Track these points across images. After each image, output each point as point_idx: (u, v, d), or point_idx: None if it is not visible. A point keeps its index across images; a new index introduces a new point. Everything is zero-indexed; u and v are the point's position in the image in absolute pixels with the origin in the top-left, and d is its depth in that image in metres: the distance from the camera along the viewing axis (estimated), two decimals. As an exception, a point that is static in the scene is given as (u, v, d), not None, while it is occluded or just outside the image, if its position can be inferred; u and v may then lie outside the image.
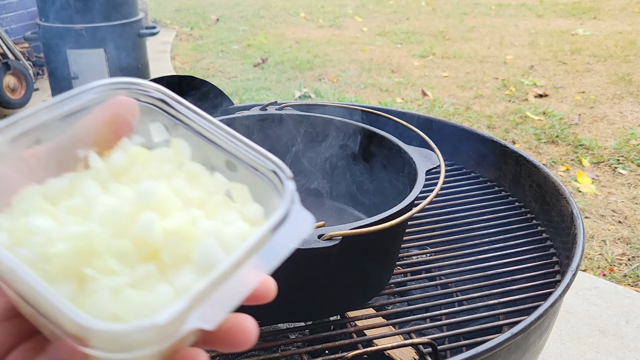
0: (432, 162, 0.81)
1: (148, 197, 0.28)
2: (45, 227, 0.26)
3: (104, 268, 0.25)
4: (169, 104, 0.33)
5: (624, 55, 3.96)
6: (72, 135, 0.31)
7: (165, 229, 0.27)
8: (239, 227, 0.29)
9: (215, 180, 0.32)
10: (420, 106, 3.18)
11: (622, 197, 2.20)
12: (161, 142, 0.33)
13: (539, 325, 0.72)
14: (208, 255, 0.27)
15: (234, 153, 0.33)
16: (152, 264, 0.27)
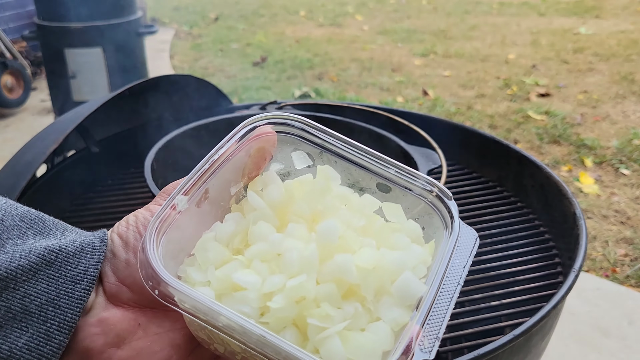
0: (433, 162, 0.80)
1: (331, 237, 0.31)
2: (252, 282, 0.30)
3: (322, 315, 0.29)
4: (312, 132, 0.35)
5: (626, 55, 3.94)
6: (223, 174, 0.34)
7: (360, 267, 0.30)
8: (418, 252, 0.32)
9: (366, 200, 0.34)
10: (421, 105, 3.17)
11: (624, 197, 2.19)
12: (303, 169, 0.36)
13: (542, 327, 0.72)
14: (406, 287, 0.30)
15: (386, 175, 0.35)
16: (356, 302, 0.30)
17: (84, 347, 0.31)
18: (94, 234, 0.34)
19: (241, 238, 0.33)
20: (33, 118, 3.14)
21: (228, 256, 0.32)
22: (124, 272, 0.32)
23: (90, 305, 0.32)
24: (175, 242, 0.32)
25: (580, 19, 5.05)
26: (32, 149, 0.97)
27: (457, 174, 1.17)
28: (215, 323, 0.28)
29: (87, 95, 2.32)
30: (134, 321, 0.32)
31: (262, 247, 0.31)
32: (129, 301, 0.33)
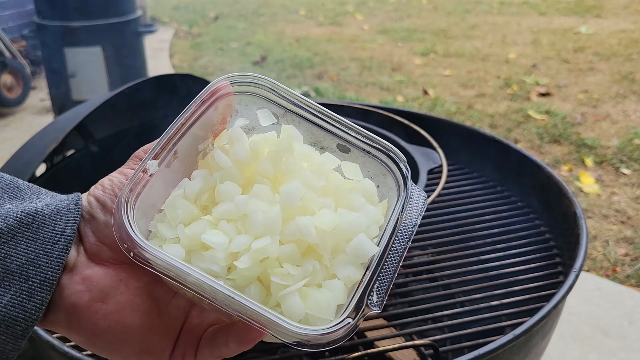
0: (434, 162, 0.80)
1: (294, 199, 0.33)
2: (220, 242, 0.32)
3: (284, 274, 0.32)
4: (279, 93, 0.38)
5: (627, 54, 3.94)
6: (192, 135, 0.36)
7: (320, 229, 0.33)
8: (372, 212, 0.35)
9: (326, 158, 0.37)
10: (421, 105, 3.17)
11: (625, 197, 2.19)
12: (268, 127, 0.38)
13: (542, 327, 0.71)
14: (360, 248, 0.33)
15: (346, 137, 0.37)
16: (314, 260, 0.33)
17: (71, 304, 0.34)
18: (68, 197, 0.36)
19: (209, 195, 0.35)
20: (32, 117, 3.14)
21: (196, 213, 0.34)
22: (103, 233, 0.35)
23: (73, 265, 0.35)
24: (147, 199, 0.34)
25: (581, 18, 5.04)
26: (31, 148, 0.96)
27: (458, 173, 1.17)
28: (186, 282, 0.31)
29: (87, 95, 2.32)
30: (116, 277, 0.35)
31: (228, 207, 0.34)
32: (109, 259, 0.35)
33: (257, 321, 0.31)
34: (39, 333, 0.66)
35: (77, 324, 0.35)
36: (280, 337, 0.31)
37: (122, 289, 0.35)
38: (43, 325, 0.35)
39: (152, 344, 0.36)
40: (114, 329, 0.35)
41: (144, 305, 0.36)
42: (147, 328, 0.36)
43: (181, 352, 0.37)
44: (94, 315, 0.34)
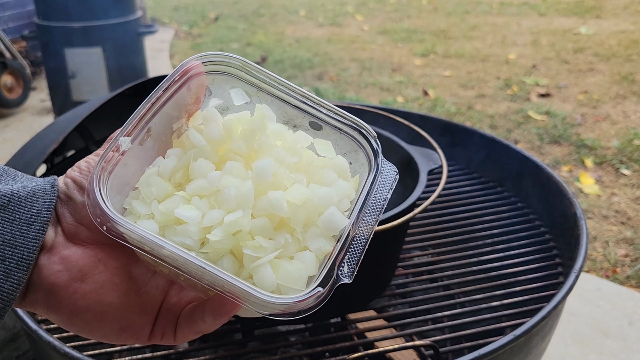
0: (434, 162, 0.80)
1: (266, 175, 0.34)
2: (193, 216, 0.33)
3: (256, 246, 0.32)
4: (250, 71, 0.38)
5: (627, 55, 3.94)
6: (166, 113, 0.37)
7: (291, 203, 0.33)
8: (343, 187, 0.36)
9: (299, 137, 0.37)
10: (421, 105, 3.17)
11: (625, 197, 2.19)
12: (242, 105, 0.38)
13: (542, 327, 0.71)
14: (331, 220, 0.34)
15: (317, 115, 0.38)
16: (286, 233, 0.34)
17: (50, 283, 0.34)
18: (44, 179, 0.36)
19: (182, 173, 0.36)
20: (32, 118, 3.14)
21: (170, 190, 0.35)
22: (80, 213, 0.35)
23: (51, 245, 0.35)
24: (121, 177, 0.35)
25: (581, 19, 5.04)
26: (31, 148, 0.96)
27: (458, 174, 1.17)
28: (160, 255, 0.32)
29: (87, 95, 2.32)
30: (94, 257, 0.36)
31: (201, 183, 0.34)
32: (87, 239, 0.36)
33: (230, 292, 0.32)
34: (39, 334, 0.66)
35: (56, 304, 0.35)
36: (253, 307, 0.32)
37: (100, 269, 0.36)
38: (22, 306, 0.36)
39: (131, 322, 0.37)
40: (93, 308, 0.35)
41: (123, 285, 0.36)
42: (126, 307, 0.36)
43: (160, 330, 0.38)
44: (73, 295, 0.35)
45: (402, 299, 0.88)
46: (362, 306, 0.79)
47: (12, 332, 0.98)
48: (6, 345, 0.98)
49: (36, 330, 0.66)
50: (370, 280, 0.76)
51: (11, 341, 0.98)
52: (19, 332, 1.00)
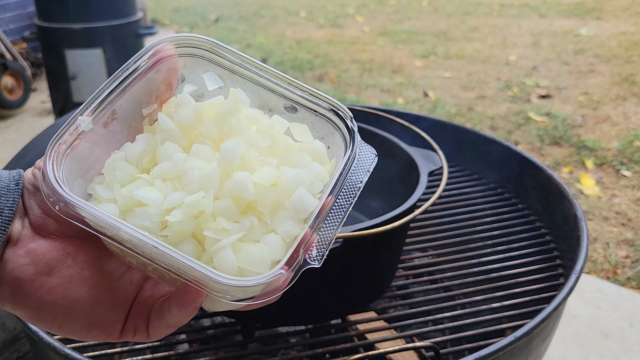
0: (434, 164, 0.80)
1: (232, 156, 0.32)
2: (154, 198, 0.31)
3: (218, 228, 0.30)
4: (221, 54, 0.36)
5: (627, 56, 3.94)
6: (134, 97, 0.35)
7: (258, 185, 0.31)
8: (317, 170, 0.33)
9: (275, 122, 0.35)
10: (422, 107, 3.17)
11: (625, 198, 2.19)
12: (216, 91, 0.37)
13: (543, 329, 0.71)
14: (300, 202, 0.31)
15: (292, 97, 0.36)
16: (252, 216, 0.31)
17: (15, 278, 0.33)
18: (10, 175, 0.35)
19: (150, 158, 0.34)
20: (33, 119, 3.14)
21: (135, 175, 0.33)
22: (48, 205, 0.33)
23: (17, 238, 0.34)
24: (82, 161, 0.33)
25: (581, 21, 5.04)
26: (32, 150, 0.97)
27: (458, 175, 1.17)
28: (118, 237, 0.31)
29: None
30: (63, 250, 0.34)
31: (166, 166, 0.33)
32: (55, 232, 0.34)
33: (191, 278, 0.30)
34: (40, 335, 0.66)
35: (22, 299, 0.34)
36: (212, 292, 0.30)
37: (69, 262, 0.34)
38: None
39: (102, 317, 0.35)
40: (60, 303, 0.34)
41: (92, 279, 0.35)
42: (96, 301, 0.35)
43: (133, 325, 0.36)
44: (39, 289, 0.33)
45: (402, 300, 0.88)
46: (362, 307, 0.79)
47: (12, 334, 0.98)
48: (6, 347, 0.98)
49: (36, 331, 0.66)
50: (371, 282, 0.76)
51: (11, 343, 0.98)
52: (19, 334, 1.00)
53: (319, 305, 0.74)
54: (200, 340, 0.81)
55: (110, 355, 0.72)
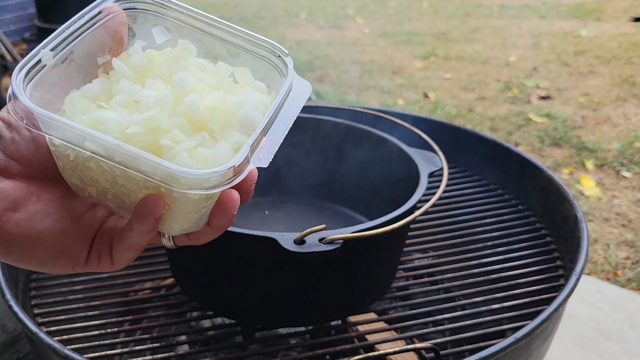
0: (434, 165, 0.80)
1: (184, 84, 0.36)
2: (113, 117, 0.34)
3: (174, 139, 0.34)
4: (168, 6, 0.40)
5: (627, 57, 3.94)
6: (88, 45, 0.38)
7: (207, 106, 0.35)
8: (259, 97, 0.38)
9: (220, 68, 0.39)
10: (422, 108, 3.17)
11: (626, 200, 2.19)
12: (164, 43, 0.40)
13: (543, 330, 0.71)
14: (246, 117, 0.36)
15: (234, 42, 0.40)
16: (204, 133, 0.35)
17: None
18: None
19: (106, 96, 0.37)
20: (34, 120, 3.14)
21: (94, 108, 0.36)
22: (10, 148, 0.36)
23: None
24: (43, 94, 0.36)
25: (581, 22, 5.05)
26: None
27: (459, 176, 1.17)
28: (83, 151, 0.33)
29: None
30: (27, 189, 0.37)
31: (123, 97, 0.36)
32: (19, 173, 0.37)
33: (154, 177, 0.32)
34: (40, 336, 0.66)
35: None
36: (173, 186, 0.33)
37: (33, 200, 0.37)
38: None
39: (67, 247, 0.38)
40: (27, 234, 0.37)
41: (57, 214, 0.38)
42: (60, 232, 0.38)
43: (97, 253, 0.39)
44: (6, 224, 0.36)
45: (402, 302, 0.88)
46: (363, 309, 0.79)
47: (13, 335, 0.99)
48: (6, 348, 0.98)
49: (36, 332, 0.66)
50: (371, 283, 0.76)
51: (11, 344, 0.98)
52: (19, 335, 1.00)
53: (319, 307, 0.74)
54: (201, 341, 0.81)
55: (111, 356, 0.72)
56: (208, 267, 0.71)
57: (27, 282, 0.86)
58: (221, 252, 0.67)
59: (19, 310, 0.69)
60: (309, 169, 0.96)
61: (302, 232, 0.58)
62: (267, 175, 0.97)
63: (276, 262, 0.62)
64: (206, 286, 0.73)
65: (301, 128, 0.94)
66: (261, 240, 0.60)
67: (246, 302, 0.71)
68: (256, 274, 0.67)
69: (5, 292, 0.72)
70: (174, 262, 0.79)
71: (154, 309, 0.81)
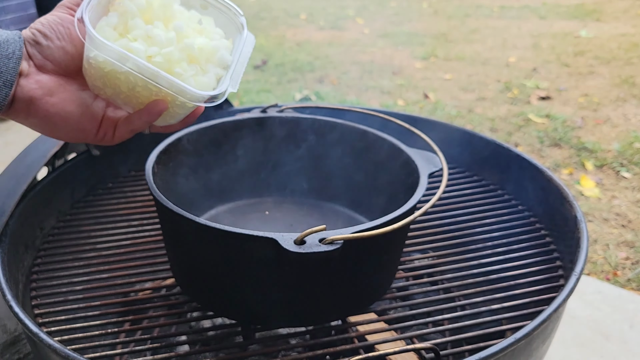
0: (434, 165, 0.80)
1: (181, 29, 0.56)
2: (139, 47, 0.54)
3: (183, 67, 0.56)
4: None
5: (627, 58, 3.94)
6: None
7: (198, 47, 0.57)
8: (225, 42, 0.60)
9: (192, 14, 0.60)
10: (422, 108, 3.17)
11: (625, 200, 2.19)
12: None
13: (543, 330, 0.72)
14: (222, 58, 0.59)
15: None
16: (196, 65, 0.57)
17: (30, 96, 0.53)
18: (11, 32, 0.54)
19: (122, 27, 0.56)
20: (34, 121, 3.14)
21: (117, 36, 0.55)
22: (46, 52, 0.54)
23: (27, 73, 0.53)
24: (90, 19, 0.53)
25: (581, 22, 5.05)
26: (32, 152, 0.97)
27: (458, 176, 1.17)
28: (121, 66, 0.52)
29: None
30: (57, 82, 0.55)
31: (139, 32, 0.55)
32: (51, 70, 0.54)
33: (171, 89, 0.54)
34: (40, 337, 0.66)
35: (34, 111, 0.54)
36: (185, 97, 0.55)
37: (62, 90, 0.55)
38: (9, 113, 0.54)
39: (83, 125, 0.57)
40: (59, 114, 0.55)
41: (78, 101, 0.56)
42: (80, 114, 0.56)
43: (103, 131, 0.59)
44: (46, 104, 0.54)
45: (402, 302, 0.88)
46: (362, 309, 0.79)
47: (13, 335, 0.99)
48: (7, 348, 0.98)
49: (37, 333, 0.66)
50: (371, 283, 0.76)
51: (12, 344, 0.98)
52: (19, 335, 1.00)
53: (319, 307, 0.74)
54: (201, 341, 0.81)
55: (111, 356, 0.72)
56: (208, 268, 0.71)
57: (27, 283, 0.86)
58: (221, 253, 0.67)
59: (20, 311, 0.69)
60: (309, 169, 0.96)
61: (302, 233, 0.58)
62: (268, 175, 0.97)
63: (276, 263, 0.62)
64: (206, 286, 0.73)
65: (301, 128, 0.94)
66: (261, 241, 0.60)
67: (246, 303, 0.71)
68: (256, 274, 0.67)
69: (5, 293, 0.72)
70: (175, 262, 0.79)
71: (154, 309, 0.81)
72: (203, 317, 0.81)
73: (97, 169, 1.13)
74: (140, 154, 1.21)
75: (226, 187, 0.94)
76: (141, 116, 0.56)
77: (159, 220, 0.80)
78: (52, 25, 0.54)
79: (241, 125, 0.93)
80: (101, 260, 0.90)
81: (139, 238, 0.96)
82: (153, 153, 0.79)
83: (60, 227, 0.99)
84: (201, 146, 0.88)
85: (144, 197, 1.09)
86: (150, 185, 0.71)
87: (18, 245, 0.87)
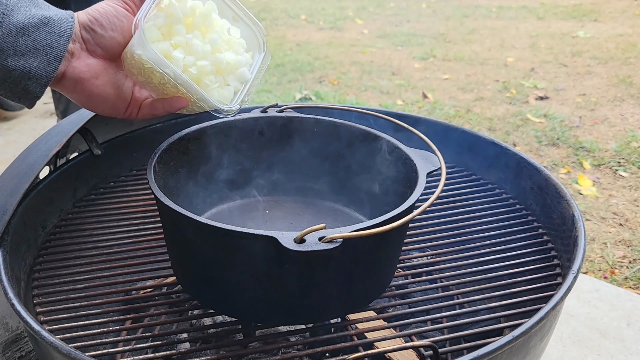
0: (433, 165, 0.81)
1: (215, 43, 0.70)
2: (178, 56, 0.67)
3: (211, 79, 0.70)
4: None
5: (624, 58, 3.96)
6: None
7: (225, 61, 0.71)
8: (247, 56, 0.74)
9: (224, 23, 0.72)
10: (420, 108, 3.18)
11: (623, 199, 2.20)
12: None
13: (540, 328, 0.72)
14: (243, 74, 0.73)
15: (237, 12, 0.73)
16: (221, 76, 0.71)
17: (79, 77, 0.63)
18: (64, 11, 0.62)
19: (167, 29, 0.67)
20: (36, 120, 3.15)
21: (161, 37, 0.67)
22: (99, 39, 0.63)
23: (78, 55, 0.63)
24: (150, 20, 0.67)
25: (579, 23, 5.06)
26: (34, 151, 0.97)
27: (457, 176, 1.18)
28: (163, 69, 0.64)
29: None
30: (102, 66, 0.65)
31: (180, 39, 0.68)
32: (100, 55, 0.65)
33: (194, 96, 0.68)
34: (42, 335, 0.66)
35: (80, 89, 0.64)
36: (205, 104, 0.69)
37: (104, 73, 0.65)
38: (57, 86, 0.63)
39: (116, 104, 0.68)
40: (101, 95, 0.66)
41: (115, 83, 0.67)
42: (115, 94, 0.67)
43: (130, 109, 0.70)
44: (91, 86, 0.64)
45: (401, 300, 0.89)
46: (362, 307, 0.80)
47: (15, 333, 0.99)
48: (9, 346, 0.98)
49: (39, 331, 0.67)
50: (370, 281, 0.77)
51: (14, 342, 0.99)
52: (21, 333, 1.00)
53: (319, 305, 0.74)
54: (202, 339, 0.82)
55: (113, 354, 0.72)
56: (209, 266, 0.71)
57: (29, 281, 0.87)
58: (222, 251, 0.68)
59: (22, 309, 0.69)
60: (308, 168, 0.97)
61: (302, 231, 0.59)
62: (268, 174, 0.98)
63: (276, 261, 0.63)
64: (207, 284, 0.74)
65: (301, 128, 0.95)
66: (262, 239, 0.61)
67: (246, 301, 0.72)
68: (256, 272, 0.68)
69: (7, 291, 0.73)
70: (176, 261, 0.80)
71: (155, 307, 0.82)
72: (204, 315, 0.81)
73: (99, 168, 1.13)
74: (141, 153, 1.21)
75: (227, 186, 0.94)
76: (163, 106, 0.69)
77: (160, 219, 0.80)
78: (109, 16, 0.63)
79: (242, 124, 0.93)
80: (103, 259, 0.91)
81: (140, 237, 0.96)
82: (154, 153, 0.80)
83: (62, 225, 0.99)
84: (202, 145, 0.89)
85: (146, 196, 1.10)
86: (152, 184, 0.72)
87: (20, 243, 0.87)
